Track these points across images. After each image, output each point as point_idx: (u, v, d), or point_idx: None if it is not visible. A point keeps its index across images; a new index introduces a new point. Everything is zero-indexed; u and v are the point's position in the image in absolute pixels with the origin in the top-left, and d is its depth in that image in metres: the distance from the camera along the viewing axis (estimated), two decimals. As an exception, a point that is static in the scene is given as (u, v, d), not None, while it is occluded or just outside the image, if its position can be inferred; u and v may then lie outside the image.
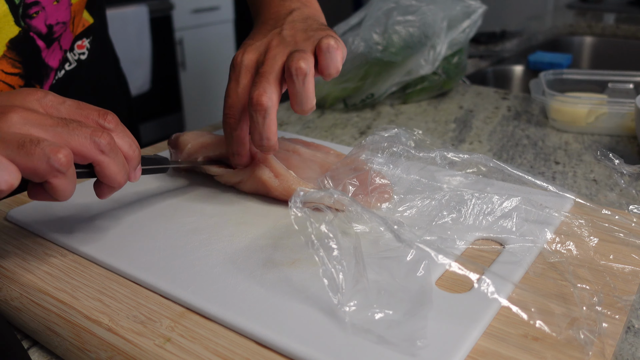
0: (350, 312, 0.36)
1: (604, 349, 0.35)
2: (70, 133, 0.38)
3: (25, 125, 0.37)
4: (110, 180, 0.41)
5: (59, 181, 0.38)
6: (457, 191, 0.50)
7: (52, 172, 0.36)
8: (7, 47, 0.58)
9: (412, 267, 0.37)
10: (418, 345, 0.34)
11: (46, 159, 0.36)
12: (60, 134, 0.38)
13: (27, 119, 0.37)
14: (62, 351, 0.41)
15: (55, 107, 0.40)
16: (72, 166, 0.38)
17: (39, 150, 0.36)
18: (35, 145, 0.36)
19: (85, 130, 0.39)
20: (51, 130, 0.37)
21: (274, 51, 0.50)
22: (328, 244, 0.38)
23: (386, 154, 0.54)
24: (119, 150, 0.41)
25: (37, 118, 0.38)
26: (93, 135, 0.39)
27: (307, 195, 0.41)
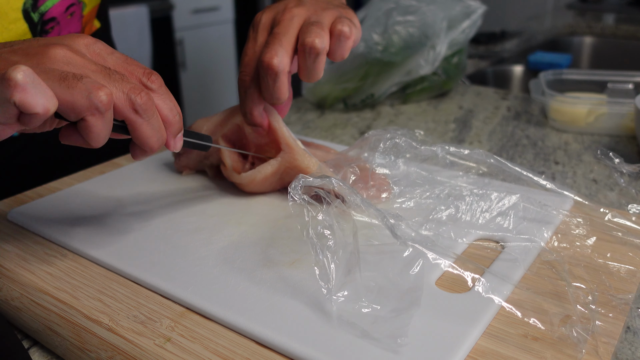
0: (338, 303, 0.36)
1: (597, 347, 0.35)
2: (109, 84, 0.36)
3: (67, 64, 0.36)
4: (142, 142, 0.39)
5: (96, 121, 0.36)
6: (456, 186, 0.50)
7: (91, 110, 0.35)
8: None
9: (408, 264, 0.37)
10: (398, 343, 0.34)
11: (87, 94, 0.34)
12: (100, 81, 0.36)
13: (71, 59, 0.36)
14: (63, 351, 0.41)
15: (102, 56, 0.39)
16: (111, 109, 0.36)
17: (81, 85, 0.34)
18: (77, 79, 0.35)
19: (124, 85, 0.37)
20: (91, 76, 0.36)
21: (291, 12, 0.49)
22: (323, 233, 0.38)
23: (388, 145, 0.53)
24: (155, 113, 0.39)
25: (81, 61, 0.36)
26: (130, 92, 0.37)
27: (307, 181, 0.41)
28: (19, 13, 0.55)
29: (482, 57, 1.40)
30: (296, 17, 0.49)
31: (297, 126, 0.88)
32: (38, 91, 0.33)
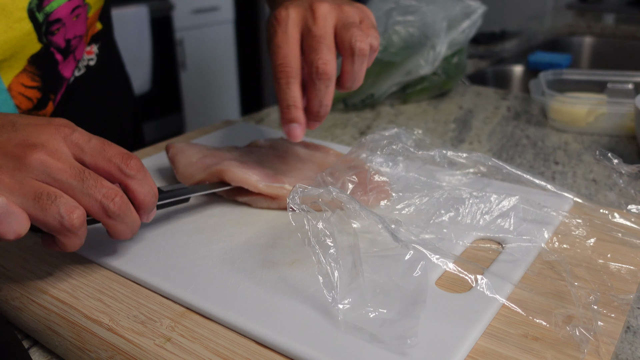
0: (344, 310, 0.36)
1: (599, 347, 0.35)
2: (83, 191, 0.38)
3: (43, 173, 0.37)
4: (116, 237, 0.41)
5: (69, 240, 0.38)
6: (455, 190, 0.50)
7: (63, 231, 0.37)
8: (28, 61, 0.59)
9: (410, 267, 0.37)
10: (408, 344, 0.34)
11: (59, 218, 0.36)
12: (73, 189, 0.38)
13: (47, 166, 0.37)
14: (63, 351, 0.41)
15: (80, 146, 0.40)
16: (83, 226, 0.38)
17: (54, 208, 0.36)
18: (51, 201, 0.36)
19: (97, 191, 0.38)
20: (65, 184, 0.37)
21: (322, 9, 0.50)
22: (324, 242, 0.38)
23: (385, 152, 0.54)
24: (129, 211, 0.40)
25: (56, 166, 0.37)
26: (104, 200, 0.38)
27: (305, 192, 0.42)
28: (24, 12, 0.56)
29: (482, 57, 1.40)
30: (329, 15, 0.49)
31: (297, 126, 0.88)
32: (12, 219, 0.35)
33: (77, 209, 0.37)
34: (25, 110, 0.61)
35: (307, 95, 0.50)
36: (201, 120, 2.83)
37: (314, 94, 0.49)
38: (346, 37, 0.48)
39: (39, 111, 0.64)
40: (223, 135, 0.74)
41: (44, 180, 0.37)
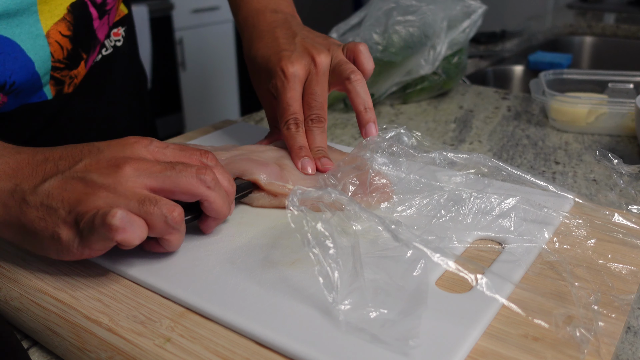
0: (344, 311, 0.36)
1: (599, 347, 0.35)
2: (178, 175, 0.41)
3: (139, 176, 0.40)
4: (217, 212, 0.44)
5: (174, 236, 0.42)
6: (456, 191, 0.50)
7: (169, 229, 0.41)
8: (68, 10, 0.61)
9: (410, 267, 0.37)
10: (410, 345, 0.34)
11: (164, 218, 0.40)
12: (170, 177, 0.41)
13: (139, 169, 0.41)
14: (62, 351, 0.41)
15: (161, 151, 0.44)
16: (183, 222, 0.41)
17: (158, 210, 0.39)
18: (154, 204, 0.39)
19: (190, 170, 0.42)
20: (161, 176, 0.41)
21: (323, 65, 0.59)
22: (324, 243, 0.38)
23: (386, 153, 0.54)
24: (219, 183, 0.44)
25: (147, 167, 0.41)
26: (198, 174, 0.42)
27: (305, 193, 0.42)
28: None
29: (482, 57, 1.40)
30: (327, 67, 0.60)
31: (297, 126, 0.88)
32: (135, 227, 0.38)
33: (177, 207, 0.40)
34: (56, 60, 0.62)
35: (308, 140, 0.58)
36: (201, 120, 2.83)
37: (312, 138, 0.58)
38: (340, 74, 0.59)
39: (70, 71, 0.65)
40: (223, 135, 0.74)
41: (144, 183, 0.40)
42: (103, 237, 0.38)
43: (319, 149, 0.58)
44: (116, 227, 0.37)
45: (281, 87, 0.58)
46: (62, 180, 0.40)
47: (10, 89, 0.59)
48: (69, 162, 0.42)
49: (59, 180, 0.40)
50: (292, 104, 0.58)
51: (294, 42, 0.61)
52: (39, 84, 0.62)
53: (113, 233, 0.38)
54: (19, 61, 0.58)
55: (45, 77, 0.63)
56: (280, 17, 0.65)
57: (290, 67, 0.58)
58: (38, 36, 0.59)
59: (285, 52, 0.59)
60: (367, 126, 0.58)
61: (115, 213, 0.37)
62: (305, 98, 0.59)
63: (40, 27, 0.59)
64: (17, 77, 0.59)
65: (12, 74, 0.59)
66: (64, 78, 0.65)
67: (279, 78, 0.58)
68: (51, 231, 0.40)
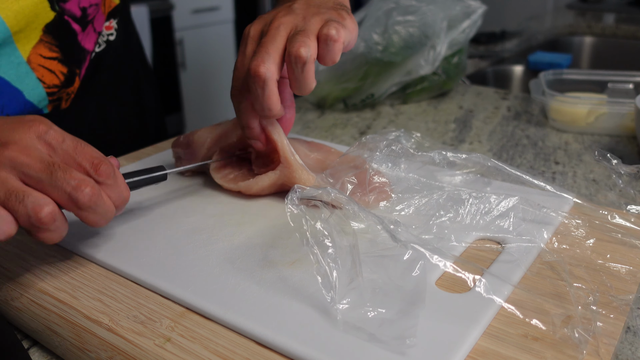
0: (342, 310, 0.36)
1: (598, 347, 0.35)
2: (52, 184, 0.37)
3: (13, 169, 0.37)
4: (91, 225, 0.41)
5: (44, 235, 0.38)
6: (455, 190, 0.50)
7: (34, 228, 0.37)
8: (43, 31, 0.60)
9: (409, 267, 0.37)
10: (407, 344, 0.34)
11: (28, 217, 0.36)
12: (42, 183, 0.37)
13: (16, 162, 0.37)
14: (62, 351, 0.41)
15: (52, 146, 0.39)
16: (56, 220, 0.38)
17: (22, 208, 0.36)
18: (19, 201, 0.36)
19: (66, 184, 0.38)
20: (35, 178, 0.37)
21: (278, 21, 0.49)
22: (323, 242, 0.38)
23: (385, 152, 0.54)
24: (101, 201, 0.40)
25: (26, 161, 0.37)
26: (73, 192, 0.38)
27: (304, 192, 0.42)
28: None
29: (482, 57, 1.40)
30: (283, 25, 0.48)
31: (297, 126, 0.88)
32: None
33: (46, 206, 0.37)
34: (52, 86, 0.61)
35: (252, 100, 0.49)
36: (201, 120, 2.83)
37: (254, 98, 0.48)
38: (287, 44, 0.47)
39: (67, 89, 0.64)
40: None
41: (16, 174, 0.37)
42: None
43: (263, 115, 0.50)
44: None
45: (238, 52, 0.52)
46: None
47: None
48: None
49: None
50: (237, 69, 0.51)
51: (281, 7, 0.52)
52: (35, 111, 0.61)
53: None
54: (6, 94, 0.57)
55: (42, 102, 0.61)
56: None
57: (248, 27, 0.51)
58: (20, 64, 0.58)
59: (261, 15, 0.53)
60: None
61: None
62: None
63: (19, 54, 0.57)
64: (10, 110, 0.58)
65: (4, 108, 0.58)
66: (61, 94, 0.64)
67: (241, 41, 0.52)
68: None
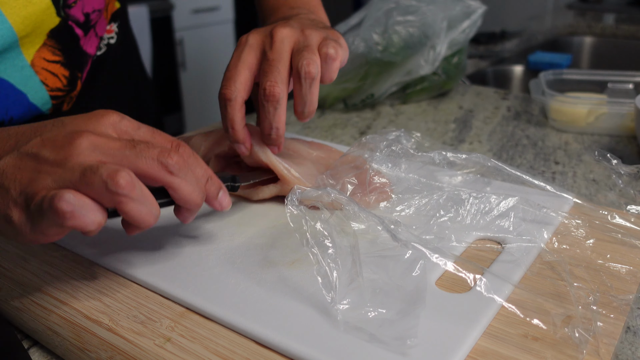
0: (343, 310, 0.36)
1: (598, 347, 0.35)
2: (138, 155, 0.36)
3: (93, 151, 0.36)
4: (185, 201, 0.39)
5: (129, 207, 0.35)
6: (455, 191, 0.50)
7: (115, 198, 0.35)
8: (47, 36, 0.60)
9: (409, 266, 0.37)
10: (408, 344, 0.34)
11: (105, 186, 0.34)
12: (128, 157, 0.36)
13: (95, 144, 0.36)
14: (63, 351, 0.41)
15: (129, 132, 0.39)
16: (137, 188, 0.35)
17: (97, 178, 0.34)
18: (93, 173, 0.34)
19: (152, 151, 0.37)
20: (118, 154, 0.36)
21: (280, 33, 0.49)
22: (323, 242, 0.38)
23: (385, 152, 0.54)
24: (190, 169, 0.38)
25: (105, 142, 0.36)
26: (160, 157, 0.37)
27: (304, 193, 0.42)
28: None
29: (482, 57, 1.40)
30: (286, 39, 0.49)
31: (297, 126, 0.88)
32: (86, 211, 0.34)
33: (121, 170, 0.34)
34: (54, 89, 0.62)
35: (259, 118, 0.50)
36: (201, 120, 2.83)
37: (264, 116, 0.49)
38: (295, 61, 0.48)
39: (70, 93, 0.64)
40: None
41: (97, 158, 0.36)
42: (54, 222, 0.34)
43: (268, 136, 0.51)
44: (64, 211, 0.33)
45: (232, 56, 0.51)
46: (16, 157, 0.36)
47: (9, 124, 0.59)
48: (27, 138, 0.38)
49: (14, 157, 0.36)
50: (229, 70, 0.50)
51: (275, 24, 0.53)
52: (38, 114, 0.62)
53: (62, 219, 0.33)
54: (11, 97, 0.58)
55: (45, 105, 0.62)
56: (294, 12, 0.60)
57: (244, 36, 0.51)
58: (23, 67, 0.58)
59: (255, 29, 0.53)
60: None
61: (62, 195, 0.33)
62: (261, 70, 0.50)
63: (23, 58, 0.58)
64: (14, 113, 0.59)
65: (8, 110, 0.58)
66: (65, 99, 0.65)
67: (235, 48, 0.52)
68: (3, 213, 0.36)
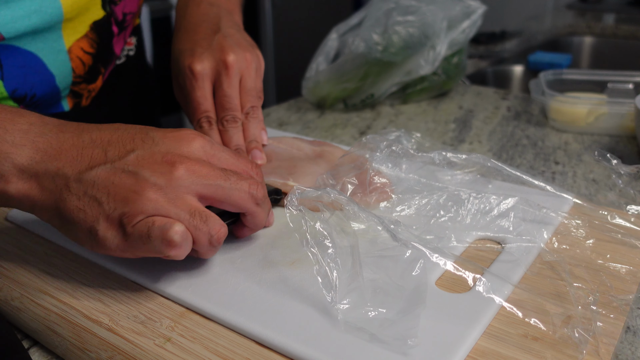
0: (343, 310, 0.36)
1: (598, 347, 0.35)
2: (232, 187, 0.40)
3: (192, 182, 0.38)
4: (258, 226, 0.44)
5: (210, 253, 0.41)
6: (455, 191, 0.50)
7: (210, 248, 0.39)
8: (90, 28, 0.62)
9: (409, 266, 0.37)
10: (409, 344, 0.34)
11: (209, 237, 0.38)
12: (223, 189, 0.40)
13: (194, 174, 0.39)
14: (63, 351, 0.41)
15: (216, 155, 0.42)
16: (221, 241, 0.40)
17: (205, 227, 0.38)
18: (203, 221, 0.38)
19: (244, 184, 0.41)
20: (214, 186, 0.39)
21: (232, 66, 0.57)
22: (322, 242, 0.38)
23: (385, 152, 0.54)
24: (268, 199, 0.44)
25: (202, 172, 0.39)
26: (251, 190, 0.41)
27: (304, 193, 0.42)
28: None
29: (482, 57, 1.40)
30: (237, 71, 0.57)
31: (297, 126, 0.88)
32: (187, 244, 0.38)
33: (223, 227, 0.39)
34: (78, 75, 0.63)
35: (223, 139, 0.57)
36: (201, 120, 2.83)
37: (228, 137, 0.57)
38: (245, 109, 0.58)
39: (88, 85, 0.66)
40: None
41: (196, 190, 0.39)
42: (157, 249, 0.37)
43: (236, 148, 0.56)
44: (175, 243, 0.36)
45: (189, 86, 0.57)
46: (110, 171, 0.38)
47: (30, 101, 0.60)
48: (119, 151, 0.39)
49: (107, 170, 0.38)
50: (203, 102, 0.57)
51: (212, 39, 0.59)
52: (58, 97, 0.63)
53: (168, 248, 0.37)
54: (40, 75, 0.59)
55: (65, 90, 0.63)
56: (214, 10, 0.63)
57: (198, 64, 0.56)
58: (60, 52, 0.59)
59: (198, 49, 0.58)
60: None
61: (177, 230, 0.36)
62: (218, 100, 0.57)
63: (62, 43, 0.59)
64: (38, 90, 0.60)
65: (33, 87, 0.59)
66: (82, 91, 0.66)
67: (187, 76, 0.57)
68: (89, 225, 0.37)
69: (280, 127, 0.87)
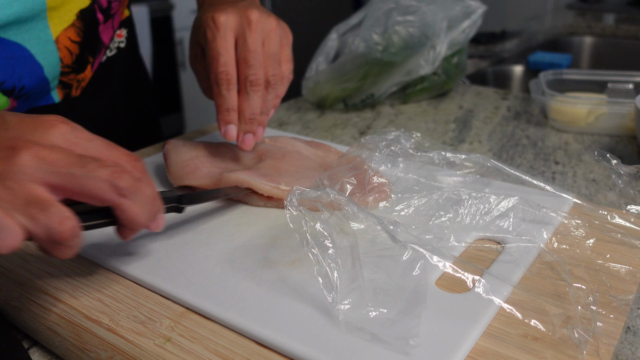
0: (344, 310, 0.36)
1: (598, 347, 0.35)
2: (87, 176, 0.34)
3: (38, 170, 0.33)
4: (131, 222, 0.37)
5: (58, 251, 0.35)
6: (455, 191, 0.50)
7: (51, 242, 0.34)
8: (77, 16, 0.61)
9: (409, 266, 0.37)
10: (410, 344, 0.34)
11: (48, 229, 0.33)
12: (76, 177, 0.34)
13: (41, 160, 0.33)
14: (63, 351, 0.41)
15: (81, 144, 0.36)
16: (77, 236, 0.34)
17: (44, 218, 0.33)
18: (41, 211, 0.33)
19: (103, 171, 0.35)
20: (66, 174, 0.34)
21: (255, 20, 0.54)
22: (323, 243, 0.38)
23: (384, 152, 0.54)
24: (141, 191, 0.36)
25: (53, 158, 0.34)
26: (112, 178, 0.35)
27: (303, 194, 0.42)
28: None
29: (482, 57, 1.40)
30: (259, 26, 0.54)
31: (297, 126, 0.88)
32: (5, 234, 0.32)
33: (69, 220, 0.33)
34: (66, 65, 0.63)
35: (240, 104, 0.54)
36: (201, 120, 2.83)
37: (247, 103, 0.53)
38: None
39: (77, 74, 0.65)
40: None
41: (42, 178, 0.33)
42: None
43: (251, 117, 0.53)
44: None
45: (210, 37, 0.53)
46: None
47: (19, 93, 0.60)
48: None
49: None
50: (223, 54, 0.53)
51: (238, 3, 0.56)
52: (47, 88, 0.63)
53: None
54: (28, 66, 0.59)
55: (54, 81, 0.63)
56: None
57: (222, 15, 0.53)
58: (47, 42, 0.59)
59: (221, 5, 0.55)
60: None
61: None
62: (241, 56, 0.53)
63: (49, 32, 0.59)
64: (26, 82, 0.60)
65: (22, 79, 0.59)
66: (71, 82, 0.66)
67: (209, 27, 0.53)
68: None
69: (280, 127, 0.87)
